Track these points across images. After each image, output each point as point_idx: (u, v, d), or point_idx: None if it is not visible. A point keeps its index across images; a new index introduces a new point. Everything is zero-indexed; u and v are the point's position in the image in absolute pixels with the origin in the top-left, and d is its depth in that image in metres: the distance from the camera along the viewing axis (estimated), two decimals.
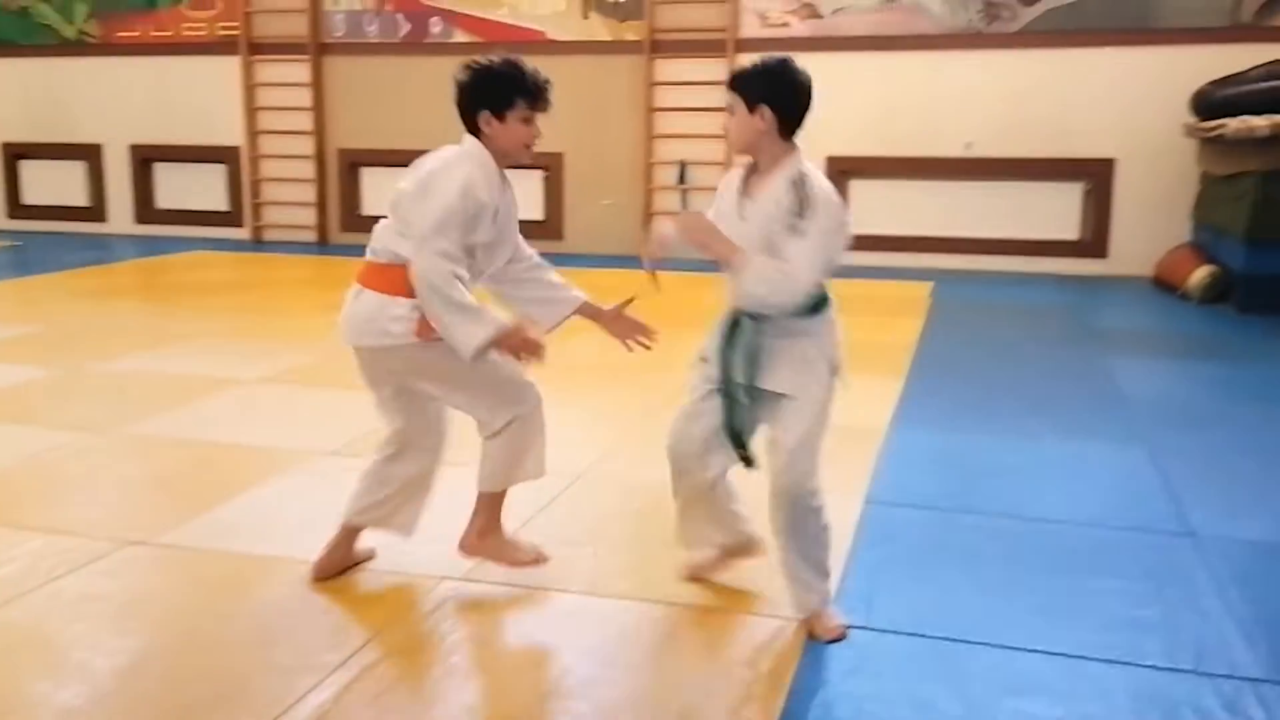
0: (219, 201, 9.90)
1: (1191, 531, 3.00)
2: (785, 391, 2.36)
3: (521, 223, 2.59)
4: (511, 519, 2.97)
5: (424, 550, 2.76)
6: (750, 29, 8.26)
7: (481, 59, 2.45)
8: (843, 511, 3.05)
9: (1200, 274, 6.76)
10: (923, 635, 2.39)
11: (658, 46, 8.54)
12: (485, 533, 2.61)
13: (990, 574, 2.72)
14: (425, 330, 2.38)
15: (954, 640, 2.36)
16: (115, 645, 2.33)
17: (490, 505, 2.59)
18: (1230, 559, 2.81)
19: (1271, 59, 7.08)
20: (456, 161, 2.42)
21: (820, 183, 2.33)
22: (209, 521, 3.02)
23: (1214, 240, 6.97)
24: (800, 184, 2.29)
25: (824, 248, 2.28)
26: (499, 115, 2.41)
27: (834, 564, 2.53)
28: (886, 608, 2.51)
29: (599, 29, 8.65)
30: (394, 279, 2.39)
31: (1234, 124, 6.27)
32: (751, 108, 2.32)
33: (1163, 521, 3.08)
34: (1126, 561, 2.80)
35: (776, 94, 2.32)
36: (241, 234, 9.80)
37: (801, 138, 2.36)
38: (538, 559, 2.63)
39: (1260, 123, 6.15)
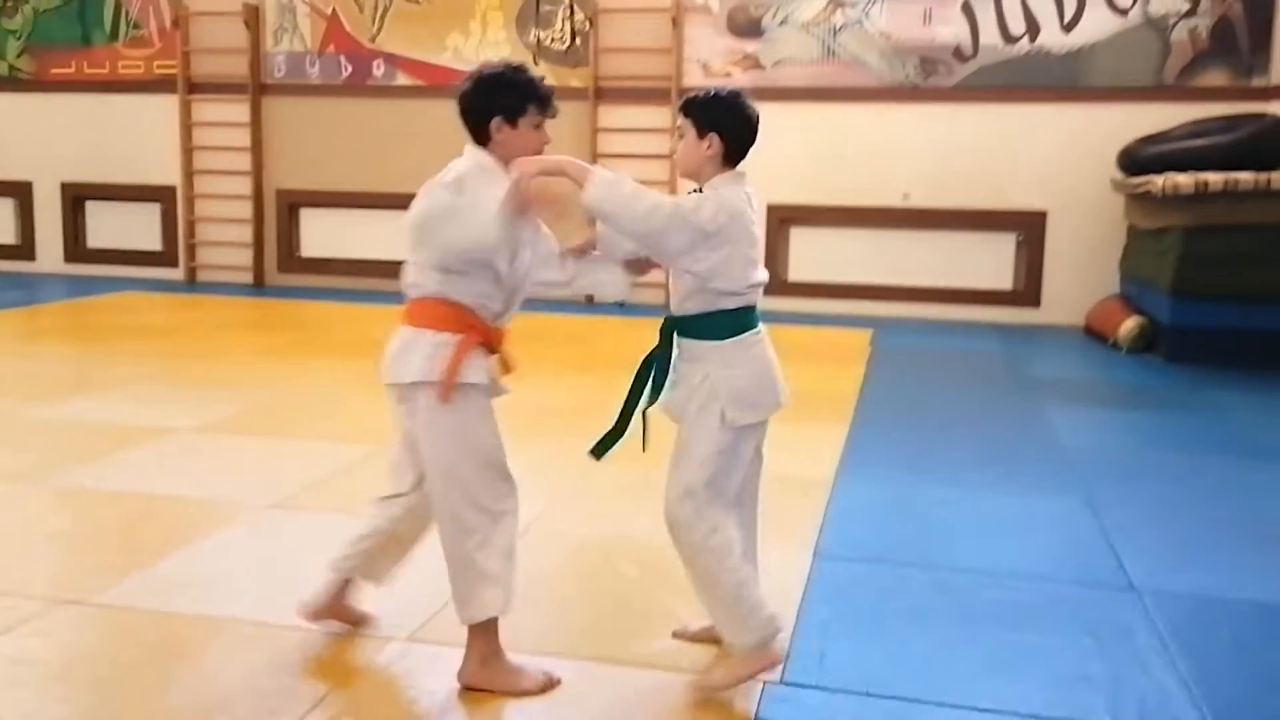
0: (152, 241, 9.73)
1: (1131, 585, 3.06)
2: (680, 418, 2.42)
3: None
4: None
5: (368, 607, 2.72)
6: (693, 78, 8.37)
7: (487, 67, 2.43)
8: (793, 566, 3.08)
9: (1129, 325, 6.95)
10: (875, 695, 2.39)
11: (602, 94, 8.61)
12: (487, 660, 2.38)
13: (939, 630, 2.74)
14: (449, 377, 2.28)
15: (905, 700, 2.38)
16: (54, 712, 2.24)
17: (484, 630, 2.38)
18: (1169, 613, 2.87)
19: (1194, 118, 7.37)
20: (454, 165, 2.38)
21: (726, 193, 2.36)
22: (148, 579, 2.93)
23: (1141, 292, 7.17)
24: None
25: (689, 207, 2.31)
26: (511, 121, 2.38)
27: (784, 621, 2.55)
28: (838, 666, 2.52)
29: (545, 75, 8.67)
30: (419, 312, 2.34)
31: (1160, 180, 6.48)
32: (702, 134, 2.38)
33: (1104, 575, 3.14)
34: (1071, 616, 2.84)
35: (728, 124, 2.39)
36: (175, 274, 9.64)
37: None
38: (548, 684, 2.39)
39: (1185, 180, 6.36)
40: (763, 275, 2.43)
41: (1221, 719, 2.32)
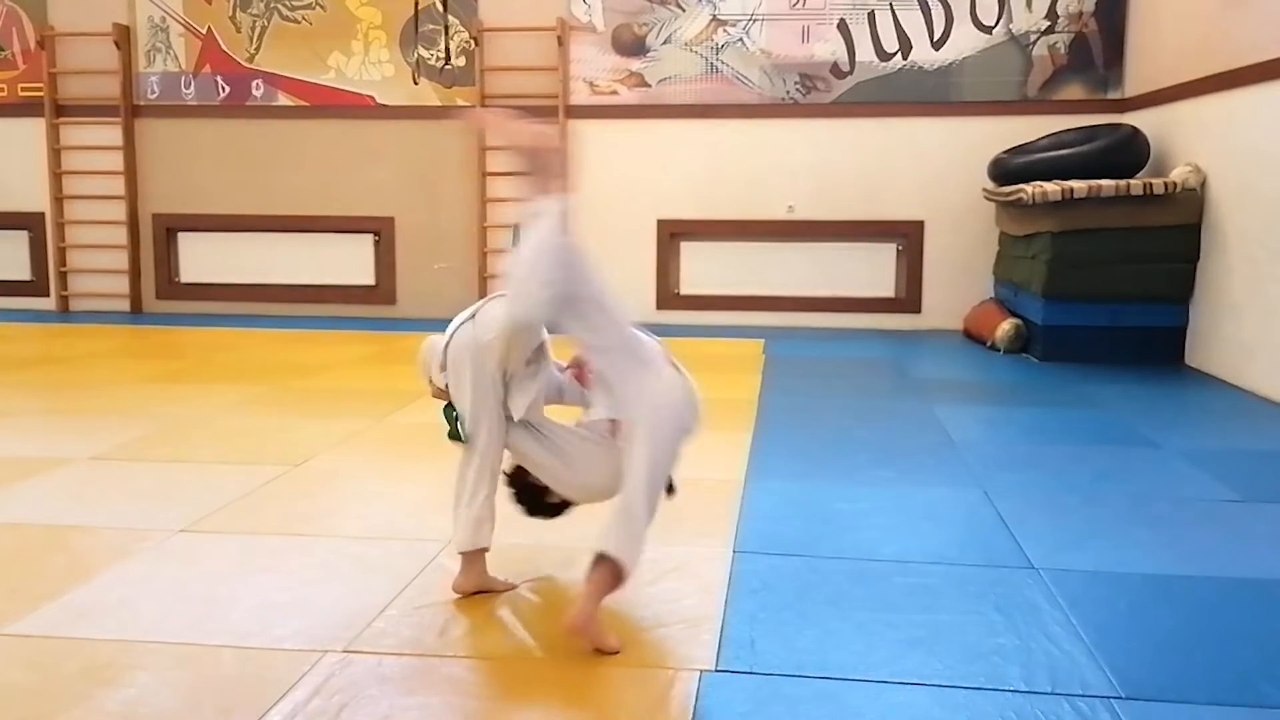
0: (20, 271, 9.36)
1: (1031, 565, 3.24)
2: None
3: (353, 287, 2.70)
4: (389, 587, 2.94)
5: (299, 622, 2.70)
6: (580, 96, 8.47)
7: None
8: (715, 562, 3.17)
9: (1005, 327, 7.29)
10: (807, 676, 2.49)
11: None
12: (591, 616, 2.56)
13: (859, 614, 2.86)
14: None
15: (836, 679, 2.48)
16: None
17: (611, 584, 2.59)
18: (1068, 588, 3.05)
19: (1055, 130, 7.80)
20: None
21: None
22: (61, 608, 2.84)
23: (1014, 295, 7.54)
24: None
25: None
26: None
27: (713, 612, 2.69)
28: (769, 652, 2.61)
29: (429, 94, 8.69)
30: None
31: (1030, 189, 6.84)
32: None
33: (1005, 557, 3.32)
34: (979, 596, 3.00)
35: None
36: (46, 304, 9.28)
37: (633, 201, 2.68)
38: (618, 646, 2.59)
39: (1052, 188, 6.73)
40: None
41: (1125, 680, 2.49)
